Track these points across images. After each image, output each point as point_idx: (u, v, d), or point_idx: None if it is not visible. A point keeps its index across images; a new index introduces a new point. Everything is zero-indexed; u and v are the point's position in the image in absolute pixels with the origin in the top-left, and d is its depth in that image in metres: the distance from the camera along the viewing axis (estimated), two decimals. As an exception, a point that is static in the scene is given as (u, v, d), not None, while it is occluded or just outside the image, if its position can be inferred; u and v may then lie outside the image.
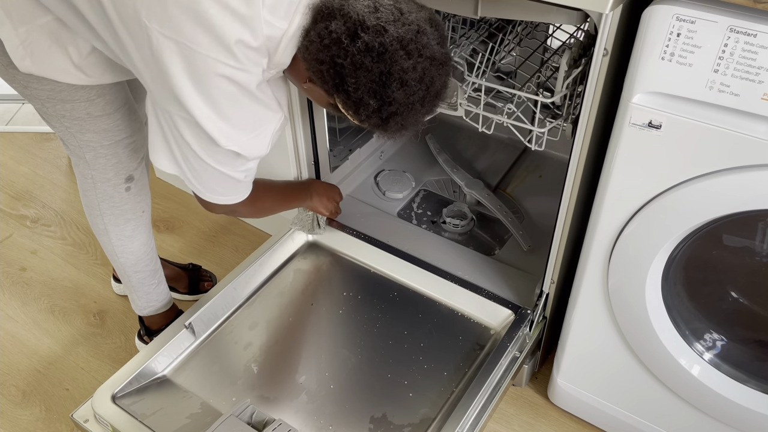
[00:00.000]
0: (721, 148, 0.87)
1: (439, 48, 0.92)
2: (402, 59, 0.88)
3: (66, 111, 1.11)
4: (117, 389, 1.20)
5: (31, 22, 1.00)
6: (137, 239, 1.32)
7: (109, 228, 1.28)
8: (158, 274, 1.42)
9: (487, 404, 1.19)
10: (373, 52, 0.87)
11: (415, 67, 0.89)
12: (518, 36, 1.38)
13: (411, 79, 0.90)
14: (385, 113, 0.92)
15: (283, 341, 1.34)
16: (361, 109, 0.92)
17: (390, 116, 0.93)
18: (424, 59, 0.90)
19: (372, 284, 1.45)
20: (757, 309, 1.11)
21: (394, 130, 0.97)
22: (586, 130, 1.04)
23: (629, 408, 1.26)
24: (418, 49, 0.89)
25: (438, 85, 0.94)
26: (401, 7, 0.90)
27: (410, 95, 0.91)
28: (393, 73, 0.88)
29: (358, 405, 1.22)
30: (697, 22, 0.81)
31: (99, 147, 1.17)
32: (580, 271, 1.15)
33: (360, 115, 0.94)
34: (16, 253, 1.81)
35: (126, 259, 1.33)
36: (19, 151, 2.17)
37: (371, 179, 1.73)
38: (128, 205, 1.27)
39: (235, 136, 0.98)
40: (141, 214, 1.30)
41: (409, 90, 0.90)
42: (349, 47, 0.87)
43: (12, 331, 1.60)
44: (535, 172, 1.77)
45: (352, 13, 0.87)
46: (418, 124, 0.98)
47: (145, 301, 1.43)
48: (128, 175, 1.23)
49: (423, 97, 0.93)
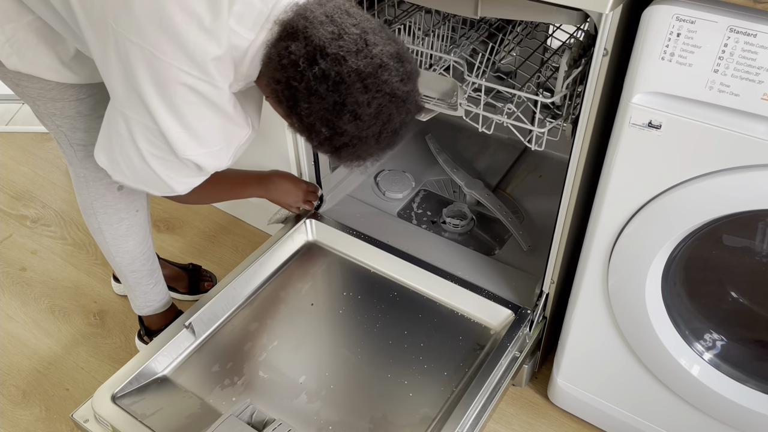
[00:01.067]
0: (721, 148, 0.87)
1: (400, 85, 0.88)
2: (358, 92, 0.85)
3: (56, 109, 1.11)
4: (117, 389, 1.20)
5: (17, 20, 1.00)
6: (132, 239, 1.32)
7: (103, 227, 1.28)
8: (156, 274, 1.42)
9: (487, 404, 1.19)
10: (329, 81, 0.85)
11: (370, 102, 0.86)
12: (518, 36, 1.38)
13: (365, 113, 0.87)
14: (336, 143, 0.90)
15: (283, 341, 1.34)
16: (312, 135, 0.91)
17: (342, 147, 0.91)
18: (382, 95, 0.87)
19: (372, 284, 1.45)
20: (757, 309, 1.11)
21: (347, 160, 0.94)
22: (586, 130, 1.04)
23: (629, 408, 1.26)
24: (376, 84, 0.86)
25: (396, 122, 0.91)
26: (368, 39, 0.87)
27: (363, 129, 0.88)
28: (347, 104, 0.86)
29: (358, 405, 1.22)
30: (697, 22, 0.81)
31: (90, 146, 1.17)
32: (580, 271, 1.15)
33: (312, 141, 0.92)
34: (16, 253, 1.81)
35: (122, 258, 1.33)
36: (19, 151, 2.17)
37: (371, 179, 1.73)
38: (121, 204, 1.27)
39: (195, 147, 0.96)
40: (135, 214, 1.30)
41: (362, 124, 0.88)
42: (306, 72, 0.85)
43: (12, 331, 1.60)
44: (535, 172, 1.77)
45: (314, 38, 0.85)
46: (374, 157, 0.95)
47: (143, 300, 1.43)
48: None
49: (378, 132, 0.90)
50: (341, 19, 0.86)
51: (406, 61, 0.90)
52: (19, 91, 1.10)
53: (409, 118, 0.94)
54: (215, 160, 1.01)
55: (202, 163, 0.99)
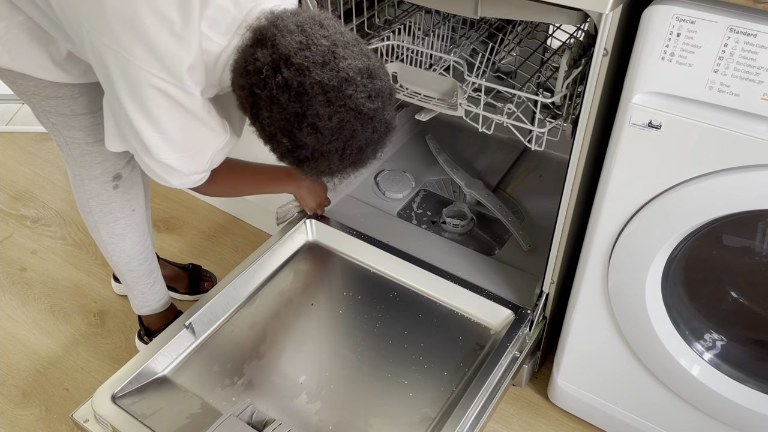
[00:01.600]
0: (721, 148, 0.87)
1: (366, 101, 0.86)
2: (319, 104, 0.84)
3: (51, 107, 1.11)
4: (117, 389, 1.20)
5: (9, 18, 1.00)
6: (129, 238, 1.32)
7: (99, 225, 1.29)
8: (154, 274, 1.42)
9: (487, 404, 1.19)
10: (291, 91, 0.83)
11: (332, 116, 0.84)
12: (518, 36, 1.38)
13: (325, 127, 0.85)
14: (298, 155, 0.89)
15: (283, 341, 1.34)
16: (274, 144, 0.90)
17: (304, 160, 0.89)
18: (346, 110, 0.85)
19: (372, 284, 1.45)
20: (757, 309, 1.11)
21: (310, 174, 0.93)
22: (586, 130, 1.04)
23: (629, 408, 1.26)
24: (340, 98, 0.84)
25: (361, 139, 0.88)
26: (337, 52, 0.85)
27: (323, 143, 0.87)
28: (307, 116, 0.84)
29: (358, 405, 1.22)
30: (697, 22, 0.81)
31: (84, 144, 1.17)
32: (580, 271, 1.15)
33: (275, 152, 0.91)
34: (16, 253, 1.81)
35: (119, 257, 1.34)
36: (19, 151, 2.17)
37: (371, 179, 1.73)
38: (117, 203, 1.27)
39: (169, 151, 0.96)
40: (131, 213, 1.29)
41: (323, 138, 0.86)
42: (269, 80, 0.84)
43: (12, 331, 1.60)
44: (535, 172, 1.77)
45: (281, 46, 0.84)
46: (339, 173, 0.93)
47: (141, 300, 1.43)
48: (116, 173, 1.23)
49: (342, 148, 0.88)
50: (312, 29, 0.85)
51: (376, 78, 0.88)
52: (15, 89, 1.11)
53: (377, 137, 0.91)
54: (191, 165, 1.00)
55: (178, 166, 0.98)
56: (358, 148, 0.90)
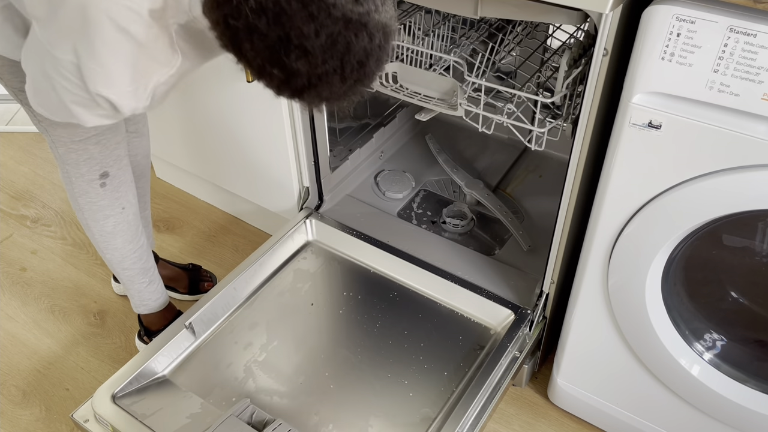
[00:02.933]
0: (721, 148, 0.87)
1: (354, 6, 0.75)
2: (302, 22, 0.74)
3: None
4: (117, 389, 1.20)
5: None
6: (120, 236, 1.31)
7: (90, 223, 1.29)
8: (150, 273, 1.41)
9: (487, 404, 1.19)
10: (268, 13, 0.74)
11: (319, 33, 0.75)
12: (518, 36, 1.38)
13: (315, 47, 0.75)
14: (294, 85, 0.79)
15: (283, 341, 1.34)
16: (267, 79, 0.80)
17: (302, 89, 0.80)
18: (333, 21, 0.74)
19: (372, 284, 1.45)
20: (757, 309, 1.11)
21: (312, 104, 0.83)
22: (586, 130, 1.04)
23: (629, 408, 1.26)
24: (323, 9, 0.74)
25: (358, 51, 0.78)
26: None
27: (317, 66, 0.77)
28: (292, 39, 0.75)
29: (358, 405, 1.22)
30: (697, 22, 0.81)
31: (69, 142, 1.17)
32: (580, 271, 1.15)
33: (270, 87, 0.82)
34: (16, 253, 1.81)
35: (111, 255, 1.33)
36: (19, 151, 2.17)
37: (371, 179, 1.73)
38: (105, 201, 1.26)
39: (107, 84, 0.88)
40: (121, 211, 1.28)
41: (315, 60, 0.76)
42: (242, 6, 0.74)
43: (12, 331, 1.60)
44: (535, 172, 1.77)
45: None
46: (345, 96, 0.83)
47: (138, 299, 1.43)
48: (102, 171, 1.22)
49: (339, 67, 0.78)
50: None
51: None
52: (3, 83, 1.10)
53: (376, 44, 0.79)
54: (131, 101, 0.92)
55: (118, 102, 0.91)
56: (359, 63, 0.79)
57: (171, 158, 1.87)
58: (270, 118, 1.46)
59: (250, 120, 1.53)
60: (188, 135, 1.73)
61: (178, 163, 1.86)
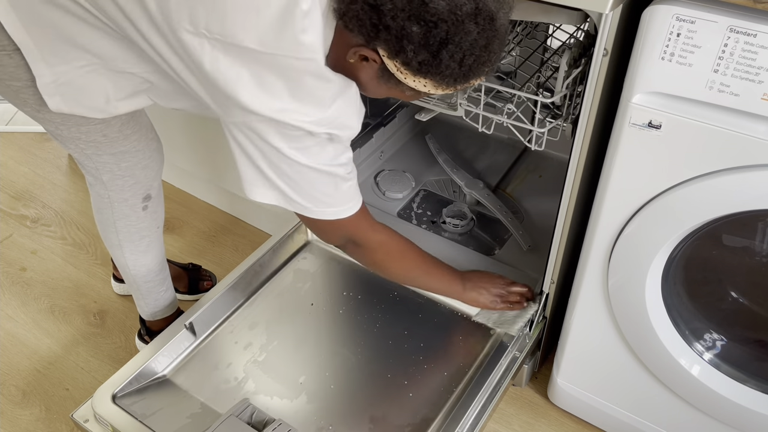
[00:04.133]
0: (721, 148, 0.87)
1: None
2: None
3: (81, 134, 1.07)
4: (117, 389, 1.20)
5: (73, 62, 0.94)
6: (151, 253, 1.32)
7: (124, 244, 1.28)
8: (167, 281, 1.43)
9: (487, 404, 1.19)
10: None
11: None
12: (518, 36, 1.38)
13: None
14: (433, 41, 0.81)
15: (283, 341, 1.34)
16: (405, 43, 0.81)
17: (442, 45, 0.81)
18: None
19: (372, 284, 1.45)
20: (757, 309, 1.11)
21: (452, 64, 0.83)
22: (586, 130, 1.04)
23: (629, 408, 1.26)
24: None
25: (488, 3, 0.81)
26: None
27: (456, 8, 0.79)
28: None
29: (358, 405, 1.22)
30: (697, 22, 0.81)
31: (116, 169, 1.15)
32: (580, 271, 1.15)
33: (407, 54, 0.82)
34: (16, 253, 1.81)
35: (137, 271, 1.34)
36: (19, 151, 2.17)
37: (371, 179, 1.73)
38: (144, 223, 1.26)
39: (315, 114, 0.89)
40: (156, 230, 1.30)
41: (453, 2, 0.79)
42: None
43: (12, 331, 1.60)
44: (535, 172, 1.77)
45: None
46: (479, 49, 0.84)
47: (153, 307, 1.43)
48: (146, 194, 1.22)
49: (473, 12, 0.80)
50: None
51: None
52: (40, 117, 1.04)
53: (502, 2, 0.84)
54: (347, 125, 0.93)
55: (334, 130, 0.91)
56: (489, 17, 0.82)
57: (171, 158, 1.87)
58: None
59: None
60: (188, 135, 1.73)
61: (178, 163, 1.86)
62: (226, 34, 0.81)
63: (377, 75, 0.89)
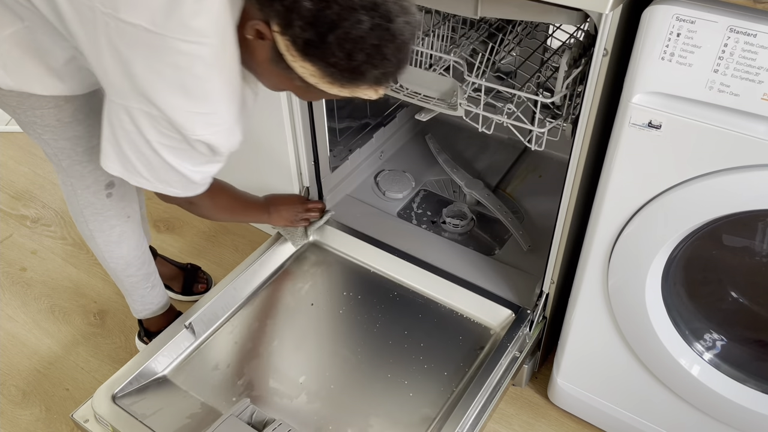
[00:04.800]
0: (721, 148, 0.87)
1: None
2: None
3: (36, 117, 1.08)
4: (117, 389, 1.20)
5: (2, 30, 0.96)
6: (125, 244, 1.30)
7: (95, 234, 1.27)
8: (152, 277, 1.41)
9: (487, 404, 1.19)
10: None
11: None
12: (518, 36, 1.38)
13: None
14: (323, 21, 0.79)
15: (283, 341, 1.34)
16: (294, 16, 0.80)
17: (329, 28, 0.80)
18: None
19: (372, 284, 1.45)
20: (757, 309, 1.11)
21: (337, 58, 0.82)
22: (586, 130, 1.04)
23: (629, 408, 1.26)
24: None
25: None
26: None
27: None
28: None
29: (358, 405, 1.22)
30: (697, 22, 0.81)
31: (74, 154, 1.15)
32: (580, 271, 1.15)
33: (294, 28, 0.81)
34: (16, 253, 1.81)
35: (116, 264, 1.32)
36: (19, 151, 2.17)
37: (371, 179, 1.73)
38: (111, 211, 1.25)
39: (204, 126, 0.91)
40: (126, 220, 1.27)
41: None
42: None
43: (12, 331, 1.60)
44: (535, 172, 1.77)
45: None
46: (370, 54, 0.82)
47: (141, 304, 1.42)
48: (108, 181, 1.21)
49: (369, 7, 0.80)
50: None
51: None
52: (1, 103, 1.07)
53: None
54: (228, 139, 0.96)
55: (215, 142, 0.94)
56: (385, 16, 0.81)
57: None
58: (270, 117, 1.46)
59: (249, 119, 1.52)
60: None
61: (178, 163, 1.86)
62: (119, 9, 0.82)
63: (269, 57, 0.88)
